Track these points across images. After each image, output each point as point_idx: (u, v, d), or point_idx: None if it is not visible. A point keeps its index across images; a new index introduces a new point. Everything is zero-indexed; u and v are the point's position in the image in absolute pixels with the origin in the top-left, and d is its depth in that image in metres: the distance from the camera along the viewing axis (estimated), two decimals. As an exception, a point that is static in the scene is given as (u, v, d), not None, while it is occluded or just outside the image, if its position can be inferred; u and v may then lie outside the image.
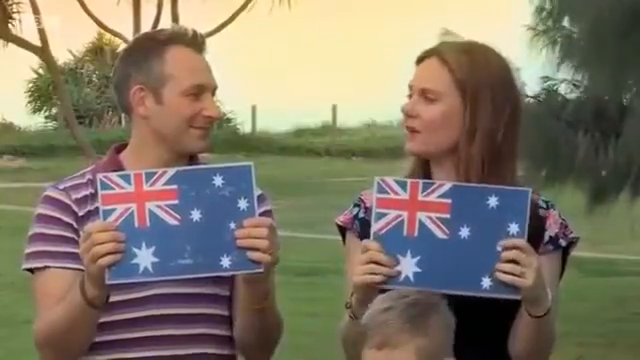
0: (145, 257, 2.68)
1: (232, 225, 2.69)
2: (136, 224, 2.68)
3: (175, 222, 2.70)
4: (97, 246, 2.62)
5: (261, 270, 2.67)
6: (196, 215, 2.69)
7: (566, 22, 9.87)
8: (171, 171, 2.73)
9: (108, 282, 2.65)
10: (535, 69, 9.62)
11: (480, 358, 2.73)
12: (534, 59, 9.73)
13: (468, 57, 2.82)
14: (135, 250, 2.67)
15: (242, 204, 2.71)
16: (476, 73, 2.81)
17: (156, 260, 2.68)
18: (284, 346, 3.04)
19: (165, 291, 2.85)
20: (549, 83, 10.00)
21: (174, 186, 2.71)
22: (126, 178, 2.71)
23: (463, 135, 2.81)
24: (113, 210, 2.68)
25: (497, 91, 2.83)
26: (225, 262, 2.70)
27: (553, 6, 9.56)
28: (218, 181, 2.71)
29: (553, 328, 2.74)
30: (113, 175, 2.72)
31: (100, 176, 2.71)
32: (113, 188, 2.70)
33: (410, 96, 2.85)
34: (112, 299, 2.76)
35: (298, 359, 6.79)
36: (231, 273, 2.78)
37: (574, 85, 10.11)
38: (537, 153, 8.25)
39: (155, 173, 2.72)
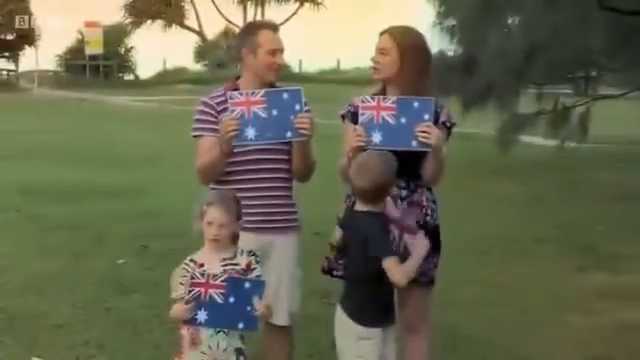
0: (250, 132, 3.05)
1: (292, 117, 3.05)
2: (246, 116, 3.04)
3: (265, 115, 3.05)
4: (228, 127, 3.03)
5: (305, 138, 3.10)
6: (274, 112, 3.04)
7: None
8: (262, 91, 3.10)
9: (234, 144, 3.07)
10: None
11: (407, 180, 3.12)
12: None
13: (402, 33, 3.15)
14: (246, 129, 3.04)
15: (297, 107, 3.06)
16: (406, 40, 3.13)
17: (256, 134, 3.05)
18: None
19: (261, 147, 3.19)
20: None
21: (264, 98, 3.05)
22: (241, 94, 3.09)
23: (402, 72, 3.12)
24: (234, 110, 3.06)
25: (416, 48, 3.16)
26: (288, 134, 3.08)
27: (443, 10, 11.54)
28: (285, 96, 3.07)
29: (443, 166, 3.09)
30: (235, 92, 3.11)
31: (229, 93, 3.12)
32: (235, 98, 3.07)
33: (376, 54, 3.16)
34: (236, 151, 3.13)
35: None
36: (291, 140, 3.14)
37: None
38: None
39: (255, 92, 3.08)
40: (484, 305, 5.19)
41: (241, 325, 2.83)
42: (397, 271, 2.86)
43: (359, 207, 3.01)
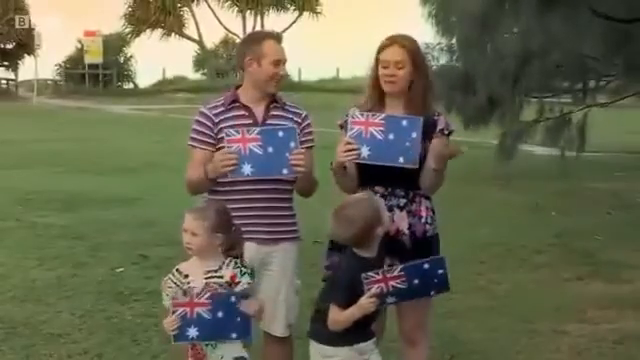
0: (247, 168, 3.03)
1: (287, 154, 3.02)
2: (242, 152, 3.02)
3: (260, 152, 3.02)
4: (225, 161, 3.01)
5: (301, 174, 3.08)
6: (270, 149, 3.01)
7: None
8: (258, 128, 3.08)
9: (231, 177, 3.05)
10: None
11: (405, 189, 3.13)
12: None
13: (411, 43, 3.14)
14: (242, 164, 3.02)
15: (292, 144, 3.02)
16: (416, 52, 3.13)
17: (252, 170, 3.03)
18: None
19: (257, 179, 3.11)
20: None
21: (259, 136, 3.02)
22: (237, 131, 3.06)
23: (413, 84, 3.11)
24: (231, 146, 3.03)
25: (424, 59, 3.20)
26: (284, 171, 3.05)
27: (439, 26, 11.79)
28: (280, 134, 3.04)
29: (443, 176, 3.10)
30: (232, 130, 3.07)
31: (225, 131, 3.08)
32: (231, 135, 3.04)
33: (385, 67, 3.11)
34: (234, 181, 3.08)
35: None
36: (287, 177, 3.12)
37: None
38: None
39: (250, 129, 3.06)
40: (483, 314, 5.18)
41: (234, 335, 2.82)
42: (331, 317, 2.86)
43: None
